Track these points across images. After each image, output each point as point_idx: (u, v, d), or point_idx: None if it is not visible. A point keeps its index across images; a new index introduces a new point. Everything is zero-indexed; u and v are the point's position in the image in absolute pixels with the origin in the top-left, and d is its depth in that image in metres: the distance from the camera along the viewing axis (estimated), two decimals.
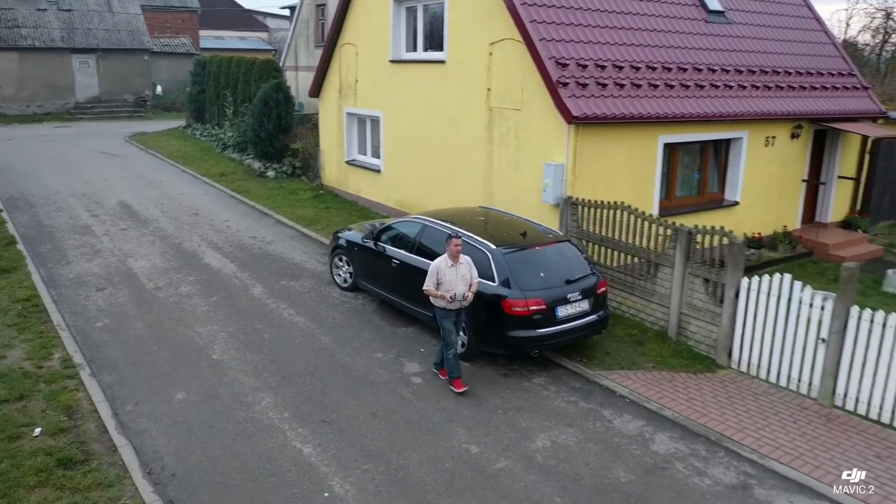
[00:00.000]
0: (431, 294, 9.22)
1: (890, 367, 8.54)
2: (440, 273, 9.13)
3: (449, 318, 9.28)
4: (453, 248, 9.12)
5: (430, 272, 9.20)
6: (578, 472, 7.65)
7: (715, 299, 10.32)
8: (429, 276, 9.18)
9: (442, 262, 9.18)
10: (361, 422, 8.55)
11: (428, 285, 9.19)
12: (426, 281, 9.22)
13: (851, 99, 17.41)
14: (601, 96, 12.46)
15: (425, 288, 9.25)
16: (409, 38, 16.44)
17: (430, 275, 9.17)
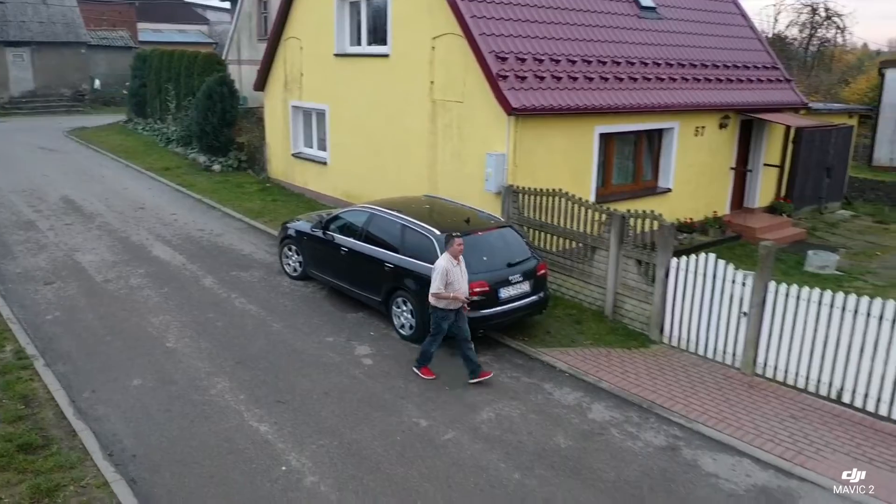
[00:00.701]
0: (442, 296, 9.13)
1: (804, 337, 9.31)
2: (449, 274, 9.12)
3: (447, 320, 9.29)
4: (457, 248, 9.18)
5: (438, 274, 9.09)
6: (521, 440, 8.19)
7: (647, 279, 11.00)
8: (438, 278, 9.08)
9: (447, 262, 9.15)
10: (315, 401, 8.94)
11: (438, 287, 9.08)
12: (435, 283, 9.11)
13: (775, 91, 18.39)
14: (539, 89, 13.02)
15: (435, 291, 9.12)
16: (354, 33, 16.76)
17: (440, 276, 9.07)
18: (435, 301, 9.22)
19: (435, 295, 9.16)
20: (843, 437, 8.33)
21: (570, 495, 7.20)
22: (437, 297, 9.18)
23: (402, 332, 10.83)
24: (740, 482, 7.51)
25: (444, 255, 9.26)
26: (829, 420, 8.72)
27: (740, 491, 7.37)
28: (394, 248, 10.92)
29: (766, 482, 7.53)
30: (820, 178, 19.60)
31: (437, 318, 9.34)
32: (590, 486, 7.35)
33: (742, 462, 7.87)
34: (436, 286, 9.12)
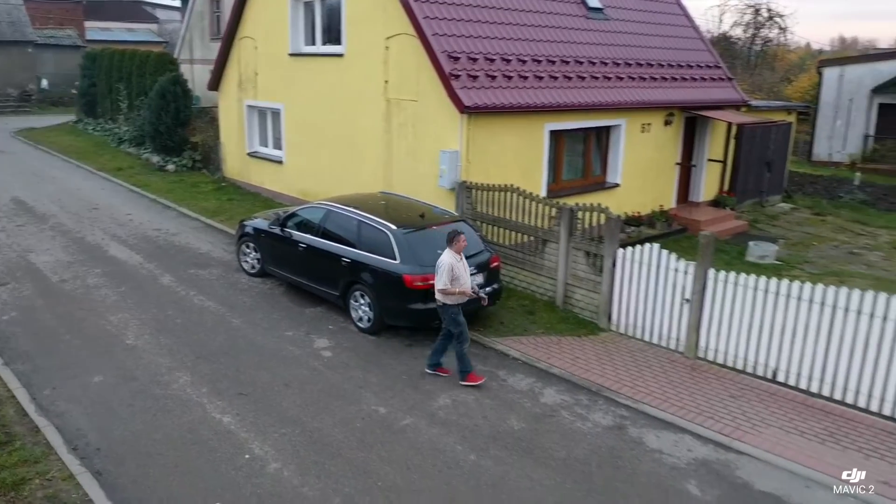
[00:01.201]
0: (449, 292, 9.23)
1: (742, 321, 9.86)
2: (454, 269, 9.22)
3: (460, 314, 9.40)
4: (461, 244, 9.30)
5: (443, 270, 9.15)
6: (477, 423, 8.56)
7: (595, 270, 11.47)
8: (444, 274, 9.14)
9: (451, 258, 9.23)
10: (276, 392, 9.18)
11: (445, 283, 9.16)
12: (441, 279, 9.16)
13: (718, 89, 19.11)
14: (491, 87, 13.41)
15: (442, 287, 9.18)
16: (308, 32, 16.94)
17: (445, 272, 9.14)
18: (443, 297, 9.30)
19: (442, 291, 9.23)
20: (778, 413, 8.88)
21: (522, 473, 7.59)
22: (444, 294, 9.26)
23: (360, 325, 11.12)
24: (682, 456, 7.99)
25: (448, 251, 9.31)
26: (765, 398, 9.27)
27: (682, 464, 7.84)
28: (351, 244, 11.20)
29: (706, 456, 8.02)
30: (761, 172, 20.40)
31: (451, 315, 9.38)
32: (542, 465, 7.75)
33: (684, 438, 8.36)
34: (442, 282, 9.18)
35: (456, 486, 7.35)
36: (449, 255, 9.29)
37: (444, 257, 9.28)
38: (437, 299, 9.43)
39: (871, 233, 18.85)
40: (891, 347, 8.65)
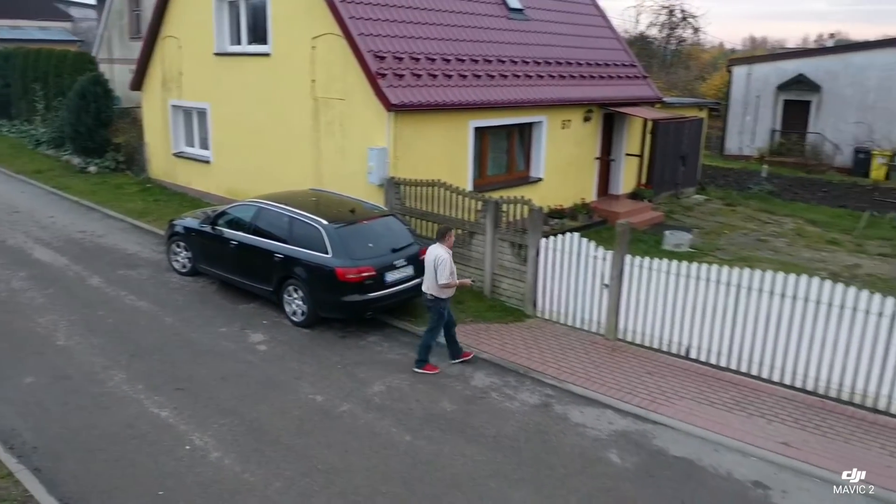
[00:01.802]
0: (452, 285, 9.68)
1: (657, 303, 10.54)
2: (450, 263, 9.64)
3: (447, 308, 9.84)
4: (452, 240, 9.87)
5: (444, 265, 9.49)
6: (411, 407, 8.94)
7: (520, 259, 12.00)
8: (446, 269, 9.50)
9: (447, 253, 9.65)
10: (213, 386, 9.35)
11: (448, 278, 9.53)
12: (444, 274, 9.48)
13: (633, 86, 19.99)
14: (416, 86, 13.81)
15: (446, 281, 9.52)
16: (233, 32, 16.99)
17: (446, 267, 9.51)
18: (438, 292, 9.67)
19: (445, 285, 9.58)
20: (691, 387, 9.56)
21: (455, 450, 8.01)
22: (446, 287, 9.63)
23: (295, 319, 11.35)
24: (604, 429, 8.56)
25: (440, 246, 9.70)
26: (679, 373, 9.96)
27: (604, 436, 8.40)
28: (283, 240, 11.42)
29: (625, 427, 8.61)
30: (676, 166, 21.41)
31: (440, 308, 9.78)
32: (473, 442, 8.18)
33: (605, 413, 8.94)
34: (447, 276, 9.52)
35: (393, 465, 7.71)
36: (443, 249, 9.67)
37: (442, 253, 9.62)
38: (429, 294, 9.77)
39: (777, 221, 20.05)
40: (789, 322, 9.43)
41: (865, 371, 9.02)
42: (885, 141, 28.26)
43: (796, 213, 21.08)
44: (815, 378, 9.39)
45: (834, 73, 29.97)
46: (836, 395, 9.26)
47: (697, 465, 7.87)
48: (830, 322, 9.15)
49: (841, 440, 8.34)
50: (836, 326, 9.12)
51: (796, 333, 9.43)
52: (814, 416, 8.88)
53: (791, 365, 9.54)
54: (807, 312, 9.30)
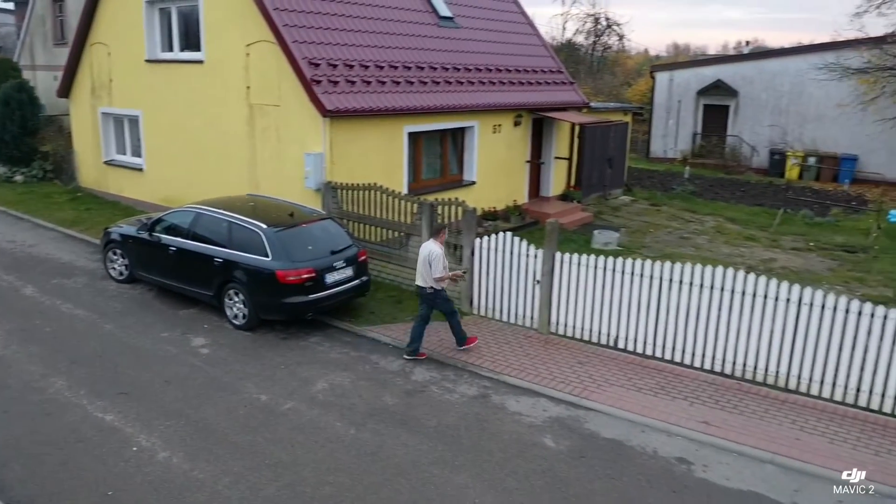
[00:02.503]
0: (447, 278, 10.31)
1: (586, 297, 11.10)
2: (443, 258, 10.30)
3: (446, 295, 10.56)
4: (444, 237, 10.61)
5: (437, 260, 10.15)
6: (354, 402, 9.24)
7: (456, 259, 12.40)
8: (439, 264, 10.17)
9: (439, 249, 10.29)
10: (158, 389, 9.46)
11: (441, 272, 10.20)
12: (438, 268, 10.16)
13: (561, 92, 20.71)
14: (351, 92, 14.11)
15: (440, 275, 10.19)
16: (165, 38, 16.97)
17: (439, 262, 10.17)
18: (437, 284, 10.29)
19: (439, 278, 10.23)
20: (619, 374, 10.14)
21: (398, 441, 8.35)
22: (440, 280, 10.28)
23: (236, 323, 11.51)
24: (539, 416, 9.03)
25: (435, 242, 10.38)
26: (608, 362, 10.53)
27: (539, 422, 8.87)
28: (222, 245, 11.55)
29: (559, 414, 9.10)
30: (603, 168, 22.16)
31: (443, 297, 10.48)
32: (415, 433, 8.54)
33: (540, 401, 9.42)
34: (440, 271, 10.20)
35: (339, 457, 8.00)
36: (436, 245, 10.34)
37: (435, 248, 10.27)
38: (428, 287, 10.35)
39: (699, 219, 21.05)
40: (707, 311, 10.10)
41: (777, 354, 9.74)
42: (798, 143, 29.85)
43: (717, 211, 22.15)
44: (732, 362, 10.08)
45: (750, 78, 31.48)
46: (751, 378, 9.96)
47: (626, 446, 8.41)
48: (745, 309, 9.85)
49: (756, 418, 9.01)
50: (750, 313, 9.82)
51: (714, 321, 10.11)
52: (732, 397, 9.55)
53: (710, 351, 10.21)
54: (723, 301, 9.98)
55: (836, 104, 27.98)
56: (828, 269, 16.26)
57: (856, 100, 26.55)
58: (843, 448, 8.36)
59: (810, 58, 28.98)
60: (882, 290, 14.72)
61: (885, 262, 17.02)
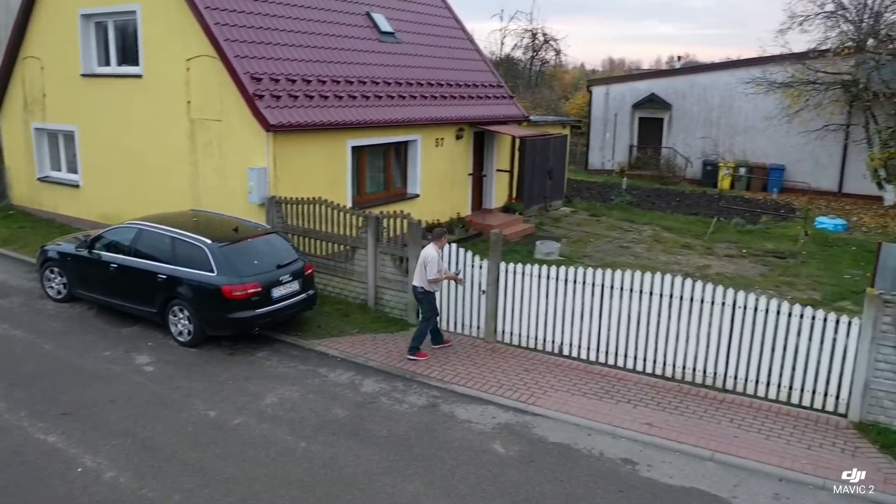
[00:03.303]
0: (439, 280, 10.88)
1: (531, 306, 11.34)
2: (438, 262, 10.82)
3: (435, 300, 11.10)
4: (444, 241, 11.13)
5: (432, 262, 10.71)
6: (304, 415, 9.25)
7: (402, 271, 12.53)
8: (434, 265, 10.72)
9: (435, 251, 10.84)
10: (102, 409, 9.30)
11: (435, 274, 10.72)
12: (431, 270, 10.69)
13: (501, 106, 21.08)
14: (294, 107, 14.14)
15: (434, 277, 10.70)
16: (102, 53, 16.69)
17: (434, 266, 10.71)
18: (428, 286, 10.84)
19: (433, 280, 10.77)
20: (564, 380, 10.38)
21: (350, 452, 8.39)
22: (432, 282, 10.81)
23: (181, 339, 11.38)
24: (488, 423, 9.19)
25: (434, 246, 10.92)
26: (553, 369, 10.77)
27: (488, 429, 9.02)
28: (165, 261, 11.42)
29: (507, 420, 9.27)
30: (543, 180, 22.61)
31: (430, 301, 11.00)
32: (367, 444, 8.60)
33: (488, 408, 9.58)
34: (433, 273, 10.73)
35: (290, 470, 8.01)
36: (434, 249, 10.89)
37: (432, 252, 10.82)
38: (419, 288, 10.91)
39: (637, 229, 21.62)
40: (647, 316, 10.44)
41: (714, 356, 10.13)
42: (729, 154, 30.94)
43: (654, 221, 22.79)
44: (672, 365, 10.44)
45: (682, 92, 32.53)
46: (691, 380, 10.32)
47: (573, 449, 8.62)
48: (683, 314, 10.22)
49: (696, 418, 9.34)
50: (688, 318, 10.20)
51: (654, 326, 10.45)
52: (673, 398, 9.88)
53: (652, 355, 10.55)
54: (662, 307, 10.34)
55: (764, 117, 29.11)
56: (759, 275, 16.90)
57: (781, 112, 27.69)
58: (777, 444, 8.75)
59: (738, 72, 30.12)
60: (810, 293, 15.39)
61: (812, 266, 17.79)
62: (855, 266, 17.89)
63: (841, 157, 28.85)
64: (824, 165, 29.16)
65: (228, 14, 14.36)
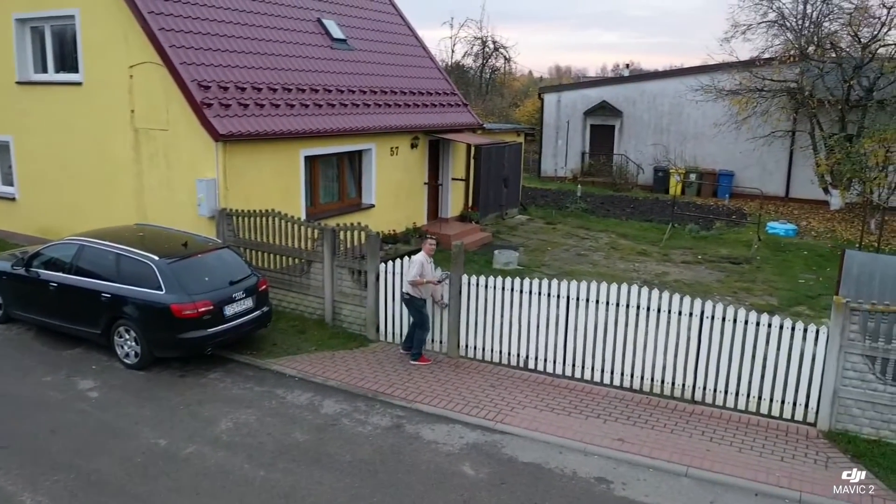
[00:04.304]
0: (418, 283, 10.83)
1: (494, 319, 11.04)
2: (423, 266, 10.88)
3: (425, 306, 11.09)
4: (430, 247, 11.13)
5: (414, 265, 10.85)
6: (262, 441, 8.76)
7: (360, 285, 12.11)
8: (414, 268, 10.83)
9: (423, 257, 10.94)
10: (42, 440, 8.67)
11: (414, 276, 10.79)
12: (412, 271, 10.83)
13: (455, 114, 20.81)
14: (244, 115, 13.62)
15: (412, 279, 10.80)
16: (38, 59, 15.92)
17: (416, 267, 10.81)
18: (412, 289, 10.91)
19: (412, 282, 10.84)
20: (532, 396, 10.09)
21: (313, 480, 7.95)
22: (413, 284, 10.86)
23: (128, 362, 10.76)
24: (455, 443, 8.83)
25: (422, 253, 11.03)
26: (519, 384, 10.48)
27: (456, 450, 8.66)
28: (110, 279, 10.80)
29: (475, 440, 8.93)
30: (499, 188, 22.42)
31: (417, 307, 11.05)
32: (330, 470, 8.16)
33: (455, 427, 9.23)
34: (413, 274, 10.83)
35: (249, 501, 7.53)
36: (422, 255, 11.00)
37: (418, 256, 11.01)
38: (405, 292, 11.06)
39: (594, 236, 21.55)
40: (614, 328, 10.24)
41: (682, 366, 9.96)
42: (679, 160, 31.20)
43: (609, 228, 22.77)
44: (640, 377, 10.25)
45: (632, 99, 32.74)
46: (659, 392, 10.14)
47: (545, 469, 8.32)
48: (650, 325, 10.04)
49: (667, 431, 9.14)
50: (655, 328, 10.02)
51: (621, 338, 10.25)
52: (642, 412, 9.68)
53: (619, 367, 10.34)
54: (629, 317, 10.15)
55: (713, 123, 29.42)
56: (716, 281, 16.93)
57: (730, 119, 28.04)
58: (750, 456, 8.59)
59: (687, 80, 30.39)
60: (768, 299, 15.45)
61: (767, 271, 17.92)
62: (807, 270, 18.08)
63: (787, 162, 29.33)
64: (771, 171, 29.60)
65: (174, 19, 13.78)
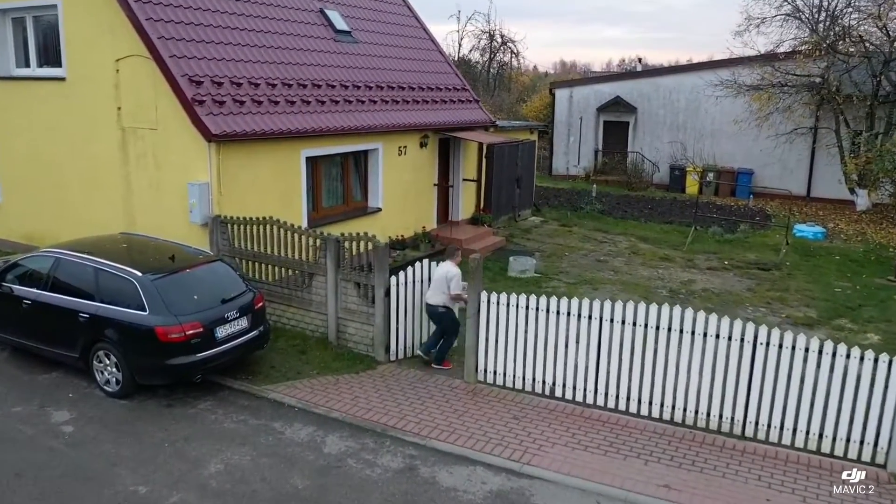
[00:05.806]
0: (463, 298, 10.35)
1: (517, 340, 9.90)
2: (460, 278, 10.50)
3: (455, 315, 10.73)
4: (458, 259, 10.80)
5: (457, 278, 10.41)
6: (255, 489, 7.64)
7: (367, 301, 10.98)
8: (459, 281, 10.42)
9: (456, 269, 10.53)
10: (5, 486, 7.58)
11: (460, 289, 10.41)
12: (457, 286, 10.38)
13: (466, 111, 19.65)
14: (240, 113, 12.51)
15: (458, 292, 10.39)
16: (20, 53, 14.82)
17: (459, 281, 10.42)
18: (453, 302, 10.52)
19: (457, 296, 10.43)
20: (560, 430, 8.94)
21: None
22: (457, 298, 10.45)
23: (108, 389, 9.65)
24: (477, 491, 7.68)
25: (450, 262, 10.59)
26: (546, 415, 9.32)
27: (478, 500, 7.53)
28: (88, 296, 9.69)
29: (500, 486, 7.78)
30: (512, 189, 21.27)
31: (450, 318, 10.62)
32: None
33: (476, 470, 8.08)
34: (460, 287, 10.41)
35: None
36: (452, 265, 10.54)
37: (452, 268, 10.48)
38: (440, 306, 10.49)
39: (612, 240, 20.38)
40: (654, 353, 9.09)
41: (732, 398, 8.81)
42: (697, 158, 30.00)
43: (628, 230, 21.59)
44: (683, 409, 9.09)
45: (647, 95, 31.54)
46: (704, 425, 8.99)
47: None
48: (695, 351, 8.88)
49: (718, 475, 7.99)
50: (701, 355, 8.86)
51: (661, 364, 9.09)
52: (687, 450, 8.52)
53: (659, 397, 9.19)
54: (671, 342, 8.98)
55: (732, 120, 28.23)
56: (747, 290, 15.78)
57: (750, 116, 26.85)
58: None
59: (705, 74, 29.21)
60: (805, 311, 14.31)
61: (799, 279, 16.77)
62: (842, 278, 16.93)
63: (809, 160, 28.15)
64: (792, 169, 28.41)
65: (163, 9, 12.66)
